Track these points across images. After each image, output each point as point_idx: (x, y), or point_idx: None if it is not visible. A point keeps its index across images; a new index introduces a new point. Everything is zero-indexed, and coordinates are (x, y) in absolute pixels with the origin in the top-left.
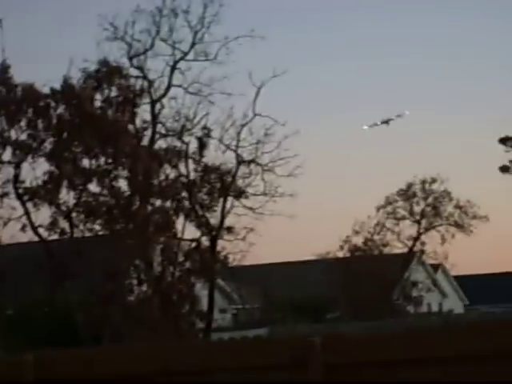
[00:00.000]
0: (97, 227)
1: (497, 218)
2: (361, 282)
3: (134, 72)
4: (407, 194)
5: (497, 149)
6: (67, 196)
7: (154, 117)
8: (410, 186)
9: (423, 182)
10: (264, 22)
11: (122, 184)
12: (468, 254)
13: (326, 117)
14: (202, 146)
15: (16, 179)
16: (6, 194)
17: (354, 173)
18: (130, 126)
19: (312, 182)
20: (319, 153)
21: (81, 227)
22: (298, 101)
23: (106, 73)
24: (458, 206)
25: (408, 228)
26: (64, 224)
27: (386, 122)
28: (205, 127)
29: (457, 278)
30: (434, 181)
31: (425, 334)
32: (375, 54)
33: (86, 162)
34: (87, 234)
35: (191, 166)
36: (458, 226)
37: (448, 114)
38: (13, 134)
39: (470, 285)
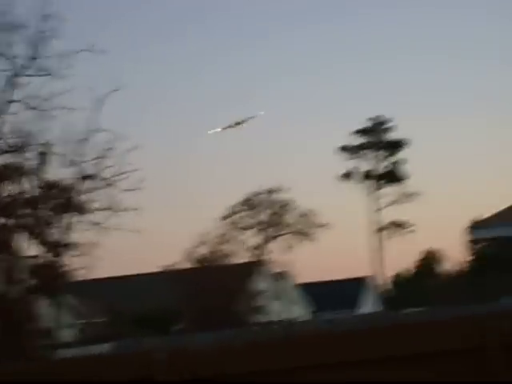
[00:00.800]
0: None
1: (339, 226)
2: (206, 293)
3: None
4: (252, 203)
5: (338, 157)
6: None
7: None
8: (254, 194)
9: (268, 191)
10: (105, 35)
11: None
12: (312, 262)
13: (172, 127)
14: (44, 161)
15: None
16: None
17: (201, 182)
18: None
19: (157, 195)
20: (165, 165)
21: None
22: (141, 114)
23: None
24: (301, 215)
25: (253, 237)
26: None
27: (239, 123)
28: (46, 143)
29: (302, 285)
30: (278, 190)
31: (266, 346)
32: (225, 59)
33: None
34: None
35: (33, 182)
36: (302, 234)
37: (295, 120)
38: None
39: (315, 292)
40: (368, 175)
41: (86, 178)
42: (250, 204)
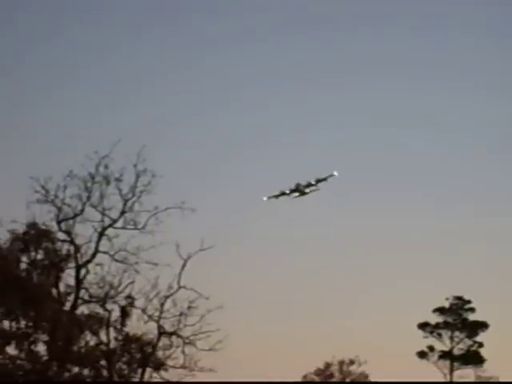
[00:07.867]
0: None
1: None
2: None
3: (61, 236)
4: (325, 373)
5: (415, 334)
6: None
7: (79, 282)
8: (328, 365)
9: (341, 363)
10: (196, 193)
11: (41, 348)
12: None
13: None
14: (125, 314)
15: None
16: None
17: (276, 346)
18: (54, 290)
19: (233, 357)
20: (243, 327)
21: None
22: (225, 275)
23: (34, 235)
24: None
25: None
26: None
27: (301, 188)
28: (129, 296)
29: None
30: (352, 362)
31: None
32: None
33: (6, 324)
34: None
35: (112, 334)
36: None
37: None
38: None
39: None
40: (444, 355)
41: (165, 334)
42: (323, 374)
